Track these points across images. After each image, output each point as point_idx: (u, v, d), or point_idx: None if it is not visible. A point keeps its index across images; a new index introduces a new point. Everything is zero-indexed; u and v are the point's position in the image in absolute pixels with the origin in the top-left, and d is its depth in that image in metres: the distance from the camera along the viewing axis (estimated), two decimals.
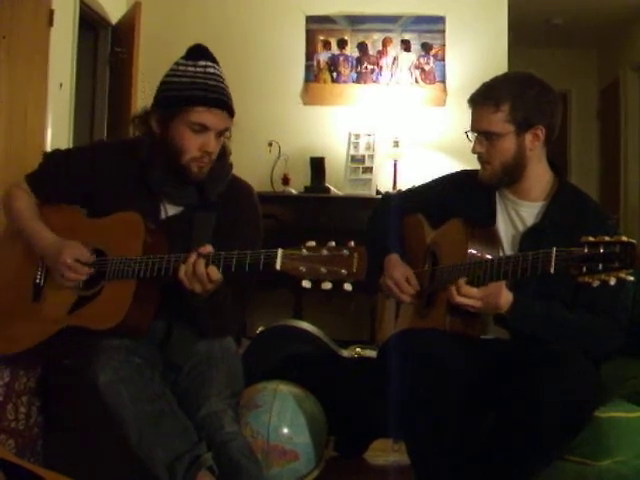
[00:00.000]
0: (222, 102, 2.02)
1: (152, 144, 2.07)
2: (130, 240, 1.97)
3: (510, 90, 2.01)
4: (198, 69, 2.01)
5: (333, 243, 1.69)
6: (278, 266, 1.70)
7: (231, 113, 2.06)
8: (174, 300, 1.99)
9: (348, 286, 1.67)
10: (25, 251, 2.11)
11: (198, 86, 1.99)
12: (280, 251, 1.71)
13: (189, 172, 2.03)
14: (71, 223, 2.11)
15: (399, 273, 2.17)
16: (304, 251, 1.69)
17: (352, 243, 1.68)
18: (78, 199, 2.16)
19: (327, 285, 1.67)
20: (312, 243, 1.70)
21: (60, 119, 4.18)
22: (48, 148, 3.94)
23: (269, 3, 5.07)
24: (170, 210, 2.11)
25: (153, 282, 1.93)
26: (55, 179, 2.15)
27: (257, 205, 2.21)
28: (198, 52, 2.06)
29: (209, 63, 2.03)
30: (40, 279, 2.09)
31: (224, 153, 2.15)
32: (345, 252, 1.66)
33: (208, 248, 1.87)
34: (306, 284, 1.69)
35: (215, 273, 1.83)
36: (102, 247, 2.01)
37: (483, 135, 2.05)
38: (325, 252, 1.67)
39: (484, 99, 2.04)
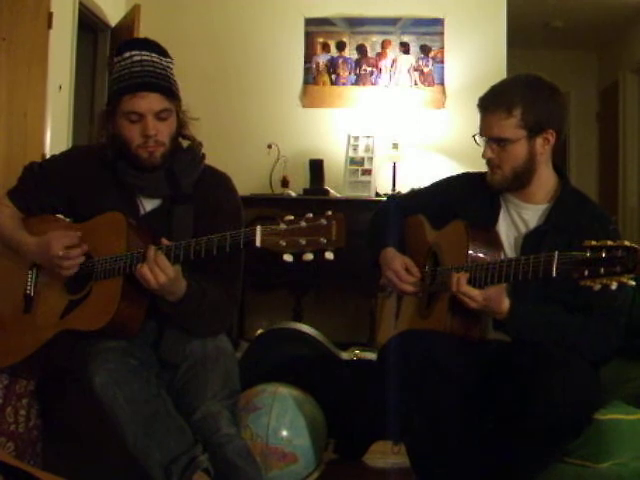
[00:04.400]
0: (148, 84, 2.00)
1: (113, 142, 2.08)
2: (114, 239, 1.97)
3: (521, 94, 1.99)
4: (123, 62, 2.02)
5: (311, 214, 1.67)
6: (258, 242, 1.68)
7: (166, 92, 2.03)
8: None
9: (329, 254, 1.65)
10: (12, 264, 2.11)
11: (123, 77, 2.01)
12: (259, 227, 1.68)
13: (140, 159, 2.03)
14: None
15: (398, 263, 2.16)
16: (282, 225, 1.67)
17: (329, 212, 1.66)
18: (61, 207, 2.17)
19: (309, 256, 1.65)
20: (290, 217, 1.68)
21: (59, 121, 4.18)
22: (47, 150, 3.95)
23: (268, 6, 5.07)
24: (147, 205, 2.10)
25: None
26: (35, 190, 2.15)
27: (235, 193, 2.19)
28: (124, 45, 2.07)
29: (134, 52, 2.02)
30: (30, 290, 2.08)
31: (180, 144, 2.12)
32: (323, 221, 1.64)
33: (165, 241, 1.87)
34: (287, 258, 1.66)
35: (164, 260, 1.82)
36: (89, 250, 2.01)
37: (494, 141, 2.02)
38: (303, 224, 1.65)
39: (495, 105, 2.01)
